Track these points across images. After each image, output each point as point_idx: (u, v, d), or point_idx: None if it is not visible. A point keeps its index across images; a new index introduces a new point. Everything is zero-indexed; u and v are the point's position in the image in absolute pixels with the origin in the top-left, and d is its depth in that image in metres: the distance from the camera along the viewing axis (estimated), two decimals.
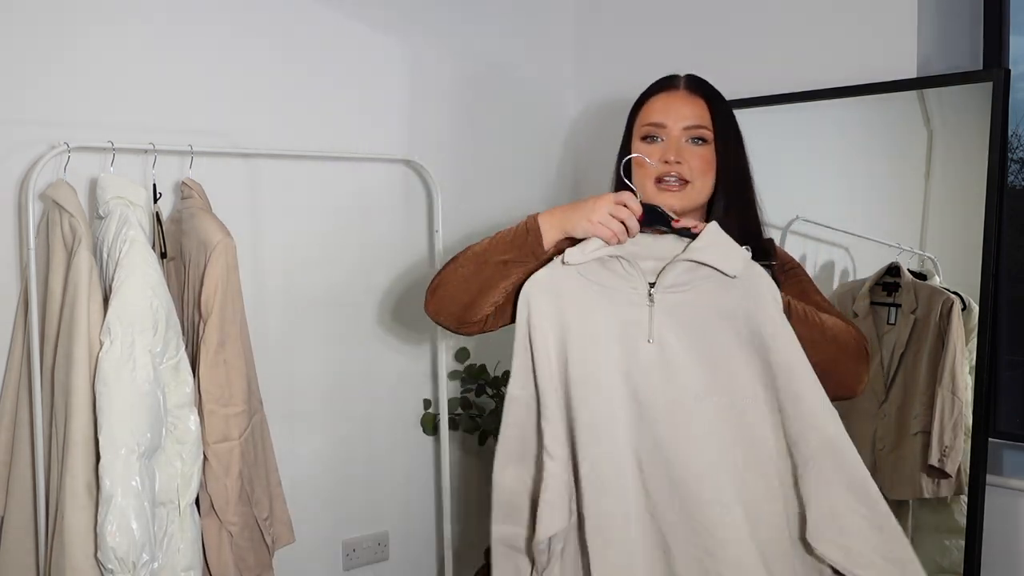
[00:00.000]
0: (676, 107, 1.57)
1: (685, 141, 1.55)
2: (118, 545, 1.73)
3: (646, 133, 1.58)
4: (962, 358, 2.06)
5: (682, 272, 1.44)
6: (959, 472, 2.04)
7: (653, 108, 1.59)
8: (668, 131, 1.55)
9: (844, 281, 2.28)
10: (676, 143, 1.55)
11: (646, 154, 1.56)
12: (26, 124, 2.04)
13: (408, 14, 2.60)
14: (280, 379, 2.40)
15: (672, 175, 1.53)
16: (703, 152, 1.56)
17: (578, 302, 1.48)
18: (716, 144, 1.57)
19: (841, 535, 1.40)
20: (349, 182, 2.51)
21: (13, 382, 1.99)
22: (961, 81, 2.09)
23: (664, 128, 1.56)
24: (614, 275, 1.48)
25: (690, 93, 1.60)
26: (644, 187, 1.55)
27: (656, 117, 1.57)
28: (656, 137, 1.56)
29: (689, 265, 1.43)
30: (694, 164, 1.54)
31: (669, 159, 1.53)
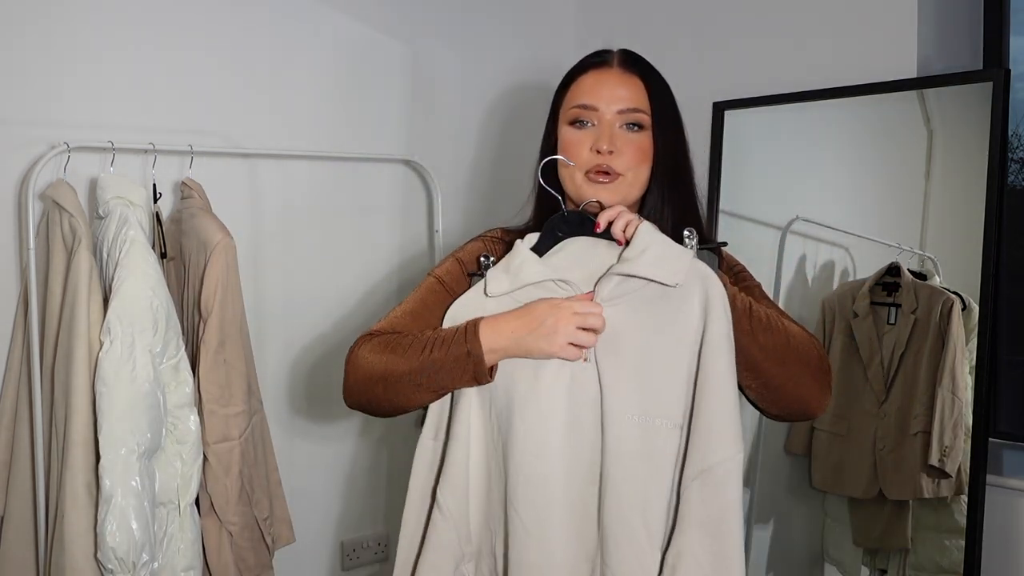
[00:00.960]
0: (609, 87, 1.38)
1: (619, 127, 1.37)
2: (118, 545, 1.73)
3: (575, 116, 1.40)
4: (962, 358, 2.06)
5: (616, 285, 1.28)
6: (959, 472, 2.04)
7: (582, 88, 1.40)
8: (600, 115, 1.38)
9: (844, 281, 2.28)
10: (609, 129, 1.36)
11: (575, 141, 1.38)
12: (26, 124, 2.04)
13: (409, 14, 2.60)
14: (280, 379, 2.40)
15: (604, 168, 1.36)
16: (639, 140, 1.37)
17: None
18: (653, 130, 1.38)
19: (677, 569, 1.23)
20: (349, 182, 2.51)
21: (13, 382, 1.99)
22: (961, 81, 2.09)
23: (596, 111, 1.38)
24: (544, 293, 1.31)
25: (624, 71, 1.40)
26: (573, 179, 1.39)
27: (586, 99, 1.39)
28: (586, 121, 1.39)
29: (622, 277, 1.27)
30: (628, 154, 1.37)
31: (601, 148, 1.35)
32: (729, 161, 2.50)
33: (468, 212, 2.72)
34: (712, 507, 1.23)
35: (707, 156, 2.55)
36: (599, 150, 1.36)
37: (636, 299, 1.27)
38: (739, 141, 2.50)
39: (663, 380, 1.27)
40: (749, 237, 2.45)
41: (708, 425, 1.24)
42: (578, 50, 2.90)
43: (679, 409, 1.26)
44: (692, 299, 1.25)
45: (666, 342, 1.26)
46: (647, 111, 1.38)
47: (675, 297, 1.26)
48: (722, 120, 2.52)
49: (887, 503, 2.17)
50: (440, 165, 2.60)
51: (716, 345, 1.24)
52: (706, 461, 1.23)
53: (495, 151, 2.80)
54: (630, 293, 1.28)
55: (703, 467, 1.23)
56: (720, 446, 1.23)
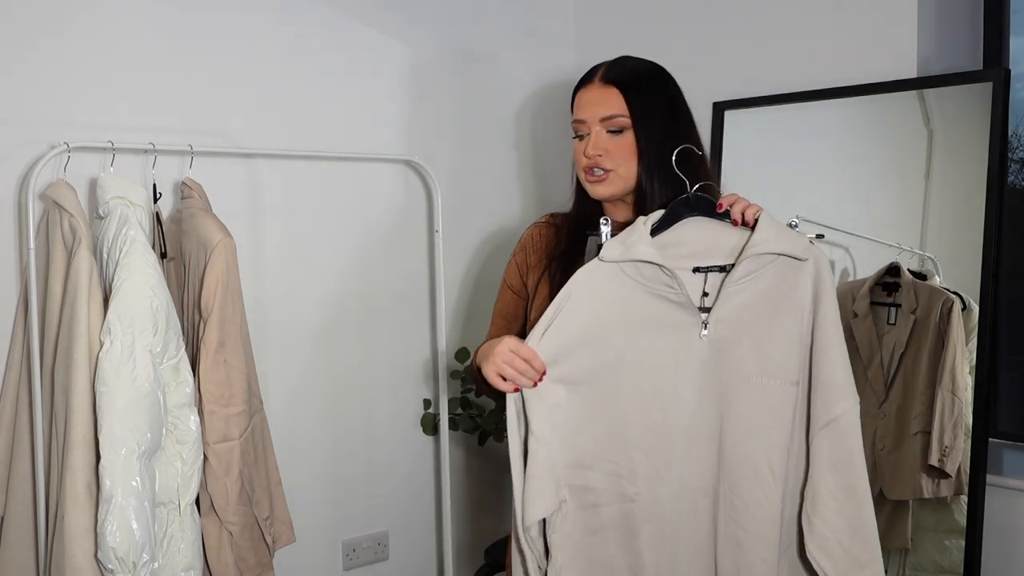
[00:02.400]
0: (592, 102, 1.62)
1: (604, 133, 1.61)
2: (118, 545, 1.73)
3: (575, 130, 1.65)
4: (962, 358, 2.06)
5: (752, 262, 1.47)
6: (959, 472, 2.04)
7: (578, 104, 1.65)
8: (588, 126, 1.62)
9: (844, 281, 2.28)
10: (596, 137, 1.61)
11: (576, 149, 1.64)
12: (26, 124, 2.04)
13: (409, 14, 2.60)
14: (280, 379, 2.40)
15: (596, 168, 1.60)
16: (621, 140, 1.60)
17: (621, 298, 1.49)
18: (635, 130, 1.60)
19: (813, 510, 1.48)
20: (349, 182, 2.51)
21: (13, 382, 2.00)
22: (961, 81, 2.09)
23: (584, 124, 1.63)
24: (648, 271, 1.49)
25: (604, 85, 1.62)
26: (581, 178, 1.66)
27: (578, 114, 1.64)
28: (581, 133, 1.64)
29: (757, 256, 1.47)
30: (614, 153, 1.60)
31: (589, 154, 1.61)
32: (729, 161, 2.50)
33: (468, 212, 2.72)
34: (841, 451, 1.47)
35: (707, 156, 2.54)
36: (587, 155, 1.61)
37: (760, 277, 1.48)
38: (739, 141, 2.50)
39: (780, 346, 1.48)
40: None
41: (828, 383, 1.48)
42: (578, 50, 2.93)
43: (795, 369, 1.49)
44: (807, 274, 1.48)
45: (783, 313, 1.48)
46: (626, 115, 1.60)
47: (791, 273, 1.48)
48: (722, 120, 2.52)
49: (887, 503, 2.17)
50: (440, 165, 2.60)
51: (827, 314, 1.48)
52: (831, 413, 1.47)
53: (495, 151, 2.80)
54: (755, 271, 1.48)
55: (829, 419, 1.47)
56: (840, 399, 1.47)
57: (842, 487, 1.47)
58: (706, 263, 1.49)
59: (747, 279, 1.47)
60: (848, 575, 1.47)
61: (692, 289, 1.48)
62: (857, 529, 1.47)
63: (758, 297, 1.48)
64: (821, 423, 1.48)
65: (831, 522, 1.47)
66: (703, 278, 1.49)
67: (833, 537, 1.47)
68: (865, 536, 1.47)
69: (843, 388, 1.48)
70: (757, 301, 1.48)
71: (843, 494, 1.47)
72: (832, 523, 1.47)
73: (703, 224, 1.51)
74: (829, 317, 1.48)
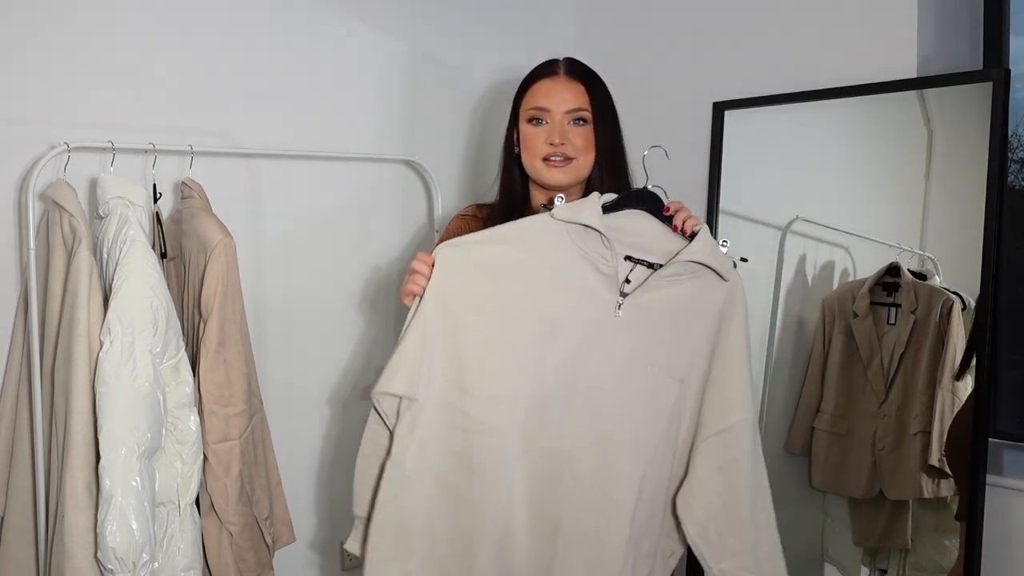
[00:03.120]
0: (558, 92, 1.74)
1: (568, 123, 1.73)
2: (118, 545, 1.73)
3: (532, 116, 1.76)
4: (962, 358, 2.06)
5: (679, 266, 1.57)
6: None
7: (537, 93, 1.76)
8: (552, 115, 1.73)
9: (844, 281, 2.28)
10: (560, 125, 1.73)
11: (533, 135, 1.75)
12: (26, 124, 2.04)
13: (409, 14, 2.60)
14: (280, 379, 2.40)
15: (558, 155, 1.73)
16: (584, 132, 1.74)
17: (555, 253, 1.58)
18: (594, 124, 1.74)
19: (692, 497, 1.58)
20: (349, 182, 2.51)
21: (13, 382, 1.99)
22: (961, 81, 2.09)
23: (548, 112, 1.74)
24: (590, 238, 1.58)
25: (569, 79, 1.76)
26: (533, 165, 1.76)
27: (540, 102, 1.75)
28: (541, 120, 1.75)
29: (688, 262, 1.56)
30: (577, 143, 1.73)
31: (554, 141, 1.72)
32: (729, 161, 2.50)
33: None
34: (729, 456, 1.57)
35: (707, 156, 2.55)
36: (552, 142, 1.73)
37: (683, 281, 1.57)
38: (739, 141, 2.50)
39: (678, 344, 1.58)
40: (749, 237, 2.46)
41: (725, 396, 1.57)
42: (577, 50, 2.93)
43: (685, 371, 1.58)
44: (722, 294, 1.58)
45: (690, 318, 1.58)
46: (589, 109, 1.74)
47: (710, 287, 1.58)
48: (722, 120, 2.52)
49: (887, 503, 2.17)
50: (440, 165, 2.60)
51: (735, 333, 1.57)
52: (724, 423, 1.57)
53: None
54: (680, 275, 1.57)
55: (721, 427, 1.57)
56: (734, 411, 1.56)
57: (726, 487, 1.57)
58: (638, 256, 1.58)
59: (671, 279, 1.57)
60: (721, 560, 1.58)
61: (621, 272, 1.57)
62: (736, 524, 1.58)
63: (674, 298, 1.58)
64: (714, 429, 1.57)
65: (714, 516, 1.58)
66: (630, 267, 1.58)
67: (713, 528, 1.58)
68: (742, 531, 1.58)
69: (739, 400, 1.57)
70: (672, 301, 1.58)
71: (727, 492, 1.57)
72: (715, 516, 1.58)
73: (647, 220, 1.61)
74: (737, 336, 1.58)
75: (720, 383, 1.58)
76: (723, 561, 1.59)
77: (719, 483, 1.58)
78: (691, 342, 1.58)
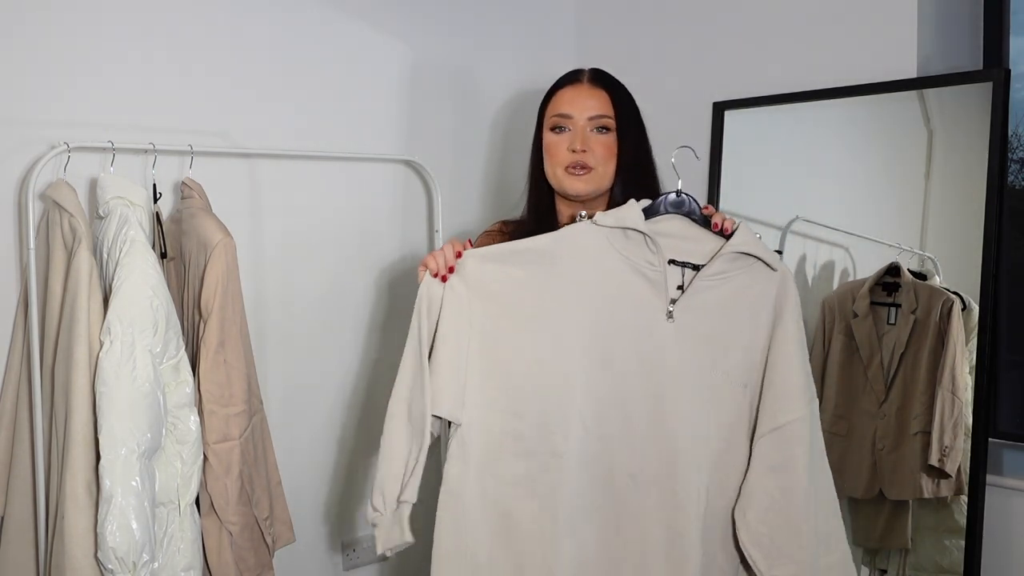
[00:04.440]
0: (581, 99, 1.71)
1: (590, 131, 1.70)
2: (118, 545, 1.73)
3: (555, 124, 1.73)
4: (962, 358, 2.06)
5: (726, 261, 1.53)
6: (959, 472, 2.04)
7: (561, 100, 1.73)
8: (574, 122, 1.71)
9: (844, 281, 2.28)
10: (582, 132, 1.70)
11: (556, 143, 1.71)
12: (26, 124, 2.04)
13: (409, 14, 2.60)
14: (280, 379, 2.40)
15: (579, 164, 1.69)
16: (606, 140, 1.70)
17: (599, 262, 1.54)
18: (618, 132, 1.71)
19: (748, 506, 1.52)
20: (349, 182, 2.51)
21: (13, 382, 1.99)
22: (961, 81, 2.09)
23: (571, 119, 1.71)
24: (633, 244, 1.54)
25: (593, 86, 1.73)
26: (555, 174, 1.72)
27: (563, 109, 1.72)
28: (564, 128, 1.72)
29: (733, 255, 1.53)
30: (598, 152, 1.69)
31: (576, 148, 1.69)
32: (729, 161, 2.50)
33: (468, 212, 2.72)
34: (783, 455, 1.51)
35: (707, 156, 2.55)
36: (574, 149, 1.69)
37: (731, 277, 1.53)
38: (739, 141, 2.50)
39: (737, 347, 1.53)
40: None
41: (778, 391, 1.52)
42: (577, 50, 2.93)
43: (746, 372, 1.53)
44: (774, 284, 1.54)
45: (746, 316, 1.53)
46: (612, 117, 1.71)
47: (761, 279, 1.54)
48: (722, 120, 2.52)
49: (887, 503, 2.17)
50: (440, 165, 2.60)
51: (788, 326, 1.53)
52: (777, 421, 1.51)
53: (495, 151, 2.80)
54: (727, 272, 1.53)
55: (775, 425, 1.51)
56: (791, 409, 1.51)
57: (779, 488, 1.52)
58: (682, 258, 1.54)
59: (719, 277, 1.53)
60: (775, 567, 1.51)
61: (669, 276, 1.53)
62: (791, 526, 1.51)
63: (726, 296, 1.53)
64: (767, 428, 1.52)
65: (765, 518, 1.51)
66: (680, 272, 1.54)
67: (766, 531, 1.51)
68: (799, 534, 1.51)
69: (794, 398, 1.52)
70: (724, 299, 1.53)
71: (780, 494, 1.52)
72: (766, 519, 1.51)
73: (686, 223, 1.57)
74: (791, 329, 1.53)
75: (774, 378, 1.52)
76: (776, 568, 1.51)
77: (772, 484, 1.51)
78: (752, 340, 1.53)
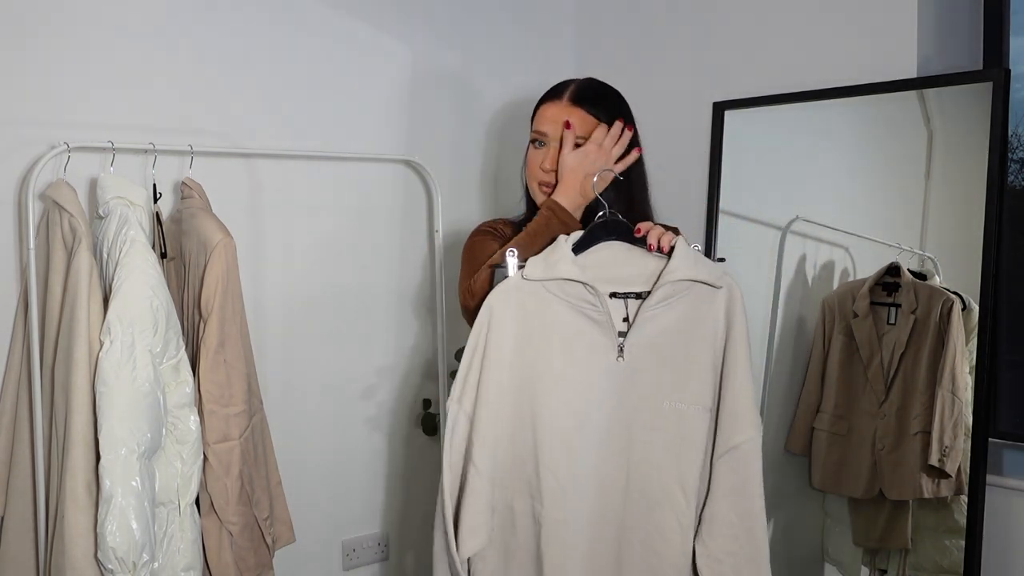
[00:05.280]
0: (558, 118, 1.71)
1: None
2: (118, 545, 1.73)
3: (534, 138, 1.75)
4: (962, 358, 2.06)
5: (667, 289, 1.51)
6: (959, 472, 2.04)
7: (542, 116, 1.75)
8: (549, 139, 1.72)
9: (844, 281, 2.28)
10: (555, 151, 1.70)
11: (532, 157, 1.74)
12: (26, 124, 2.04)
13: (409, 14, 2.60)
14: (280, 379, 2.40)
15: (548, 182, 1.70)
16: None
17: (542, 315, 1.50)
18: None
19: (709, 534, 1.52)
20: (349, 182, 2.51)
21: (13, 382, 1.99)
22: (961, 81, 2.09)
23: (546, 136, 1.72)
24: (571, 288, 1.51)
25: (572, 105, 1.72)
26: (532, 187, 1.75)
27: (541, 126, 1.74)
28: (541, 143, 1.74)
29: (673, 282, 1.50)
30: None
31: (545, 167, 1.71)
32: (729, 161, 2.50)
33: (468, 212, 2.72)
34: (739, 477, 1.51)
35: (707, 156, 2.55)
36: (543, 168, 1.71)
37: (675, 303, 1.51)
38: (739, 141, 2.50)
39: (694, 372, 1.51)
40: (749, 237, 2.46)
41: (733, 411, 1.51)
42: (577, 50, 2.93)
43: (708, 396, 1.52)
44: (720, 301, 1.52)
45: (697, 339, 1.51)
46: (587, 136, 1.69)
47: (706, 300, 1.52)
48: (722, 120, 2.52)
49: (887, 503, 2.17)
50: (440, 165, 2.60)
51: (737, 341, 1.51)
52: (732, 441, 1.51)
53: (495, 151, 2.80)
54: (671, 297, 1.50)
55: (730, 445, 1.51)
56: (744, 428, 1.51)
57: (737, 512, 1.52)
58: (624, 289, 1.52)
59: (662, 305, 1.51)
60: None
61: (614, 312, 1.51)
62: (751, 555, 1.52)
63: (673, 323, 1.51)
64: (723, 449, 1.52)
65: (726, 547, 1.52)
66: (623, 303, 1.51)
67: (728, 560, 1.51)
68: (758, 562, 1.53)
69: (747, 416, 1.52)
70: (672, 327, 1.51)
71: (737, 519, 1.52)
72: (727, 547, 1.51)
73: (621, 249, 1.55)
74: (739, 344, 1.52)
75: (727, 398, 1.52)
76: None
77: (729, 510, 1.52)
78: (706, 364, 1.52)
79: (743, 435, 1.51)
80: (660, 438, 1.51)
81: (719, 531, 1.51)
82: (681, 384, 1.51)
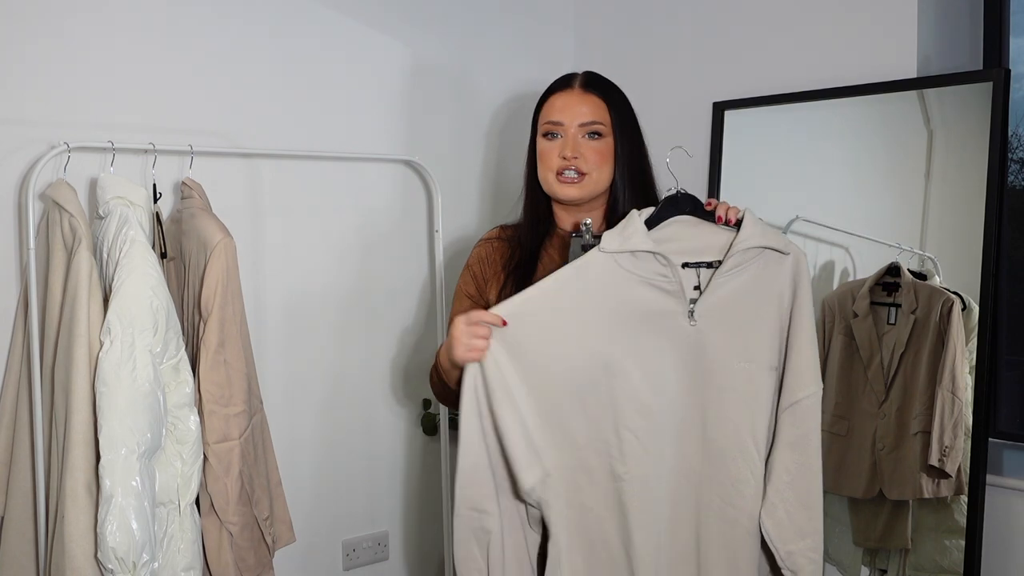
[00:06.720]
0: (572, 106, 1.70)
1: (582, 137, 1.70)
2: (118, 545, 1.73)
3: (547, 130, 1.72)
4: (962, 358, 2.06)
5: (738, 257, 1.56)
6: (959, 472, 2.04)
7: (553, 107, 1.72)
8: (565, 128, 1.70)
9: (844, 281, 2.28)
10: (573, 139, 1.69)
11: (548, 150, 1.71)
12: (26, 124, 2.04)
13: (409, 14, 2.60)
14: (280, 379, 2.40)
15: (571, 169, 1.69)
16: (599, 146, 1.70)
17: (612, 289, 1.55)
18: (613, 137, 1.70)
19: (768, 481, 1.58)
20: (349, 182, 2.51)
21: (13, 382, 2.00)
22: (961, 81, 2.09)
23: (562, 126, 1.70)
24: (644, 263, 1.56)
25: (585, 92, 1.72)
26: (547, 179, 1.72)
27: (555, 116, 1.71)
28: (556, 134, 1.71)
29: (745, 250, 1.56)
30: (590, 157, 1.69)
31: (566, 155, 1.69)
32: (729, 161, 2.50)
33: (468, 212, 2.72)
34: (799, 430, 1.57)
35: (707, 156, 2.55)
36: (564, 156, 1.69)
37: (744, 270, 1.57)
38: (739, 141, 2.50)
39: (764, 334, 1.58)
40: None
41: (797, 368, 1.57)
42: (577, 50, 2.93)
43: (775, 356, 1.58)
44: (787, 267, 1.58)
45: (765, 302, 1.58)
46: (605, 123, 1.70)
47: (773, 265, 1.57)
48: (722, 120, 2.52)
49: (887, 503, 2.17)
50: (440, 165, 2.60)
51: (802, 305, 1.58)
52: (796, 396, 1.57)
53: (495, 151, 2.80)
54: (741, 265, 1.56)
55: (793, 400, 1.57)
56: (806, 384, 1.57)
57: (796, 463, 1.57)
58: (695, 259, 1.57)
59: (734, 271, 1.56)
60: (788, 542, 1.57)
61: (685, 281, 1.56)
62: (804, 502, 1.58)
63: (742, 288, 1.57)
64: (786, 403, 1.58)
65: (782, 493, 1.58)
66: (695, 273, 1.56)
67: (781, 506, 1.57)
68: (810, 510, 1.58)
69: (809, 374, 1.57)
70: (741, 291, 1.57)
71: (796, 469, 1.57)
72: (783, 494, 1.58)
73: (691, 223, 1.60)
74: (804, 308, 1.58)
75: (793, 356, 1.58)
76: (790, 543, 1.57)
77: (789, 459, 1.57)
78: (774, 324, 1.58)
79: (805, 391, 1.56)
80: (732, 396, 1.57)
81: (778, 478, 1.57)
82: (751, 345, 1.57)
